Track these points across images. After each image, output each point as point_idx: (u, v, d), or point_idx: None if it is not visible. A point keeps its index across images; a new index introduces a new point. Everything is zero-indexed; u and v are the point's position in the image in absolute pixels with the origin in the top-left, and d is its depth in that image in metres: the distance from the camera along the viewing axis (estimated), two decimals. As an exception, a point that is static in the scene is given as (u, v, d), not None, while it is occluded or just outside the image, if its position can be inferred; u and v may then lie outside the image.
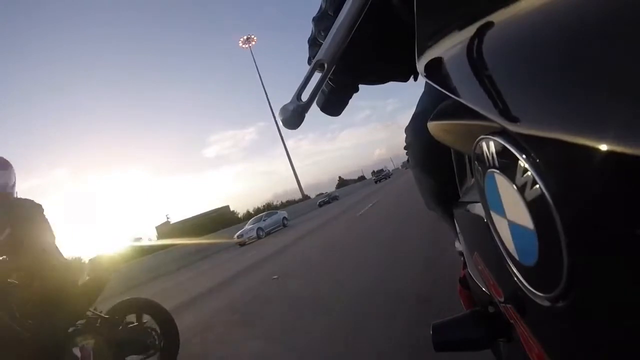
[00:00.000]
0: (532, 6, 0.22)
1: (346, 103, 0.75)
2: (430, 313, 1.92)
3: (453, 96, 0.29)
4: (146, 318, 2.41)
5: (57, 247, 2.15)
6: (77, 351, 1.95)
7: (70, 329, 2.01)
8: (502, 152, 0.23)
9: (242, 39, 57.34)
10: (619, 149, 0.14)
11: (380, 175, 51.40)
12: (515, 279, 0.26)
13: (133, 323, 2.35)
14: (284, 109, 0.54)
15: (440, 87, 0.32)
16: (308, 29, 0.77)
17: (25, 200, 2.15)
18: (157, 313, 2.47)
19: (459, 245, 0.80)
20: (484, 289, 0.50)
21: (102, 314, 2.23)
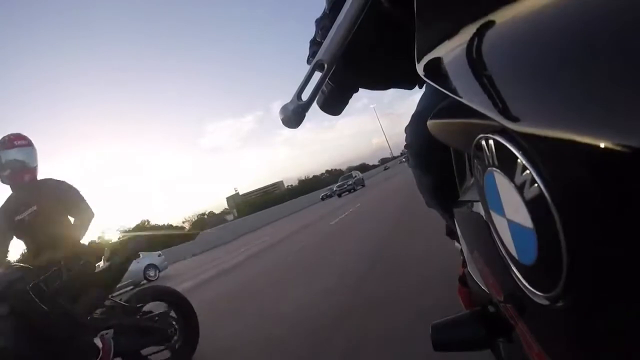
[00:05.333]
0: (531, 6, 0.22)
1: (346, 103, 0.75)
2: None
3: (453, 95, 0.29)
4: (166, 307, 2.33)
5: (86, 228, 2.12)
6: (97, 341, 1.91)
7: (89, 317, 1.97)
8: (501, 151, 0.23)
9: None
10: (618, 147, 0.14)
11: (344, 187, 28.89)
12: (515, 278, 0.26)
13: (152, 312, 2.25)
14: (284, 109, 0.54)
15: (440, 86, 0.32)
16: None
17: (52, 179, 2.16)
18: (177, 302, 2.37)
19: (459, 244, 0.80)
20: (483, 288, 0.50)
21: (122, 302, 2.17)
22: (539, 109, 0.20)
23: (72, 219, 2.14)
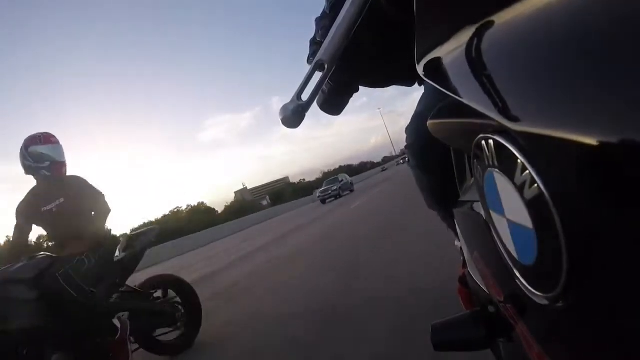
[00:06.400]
0: (531, 7, 0.21)
1: (346, 103, 0.75)
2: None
3: (453, 95, 0.29)
4: (172, 294, 2.58)
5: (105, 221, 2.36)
6: (115, 321, 2.12)
7: (108, 301, 2.19)
8: (501, 151, 0.23)
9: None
10: (618, 148, 0.14)
11: (329, 193, 25.36)
12: (515, 278, 0.26)
13: (161, 297, 2.53)
14: (284, 109, 0.54)
15: (441, 86, 0.32)
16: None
17: (78, 176, 2.39)
18: (183, 289, 2.61)
19: (459, 244, 0.80)
20: (483, 288, 0.50)
21: (136, 288, 2.42)
22: (539, 109, 0.19)
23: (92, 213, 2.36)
